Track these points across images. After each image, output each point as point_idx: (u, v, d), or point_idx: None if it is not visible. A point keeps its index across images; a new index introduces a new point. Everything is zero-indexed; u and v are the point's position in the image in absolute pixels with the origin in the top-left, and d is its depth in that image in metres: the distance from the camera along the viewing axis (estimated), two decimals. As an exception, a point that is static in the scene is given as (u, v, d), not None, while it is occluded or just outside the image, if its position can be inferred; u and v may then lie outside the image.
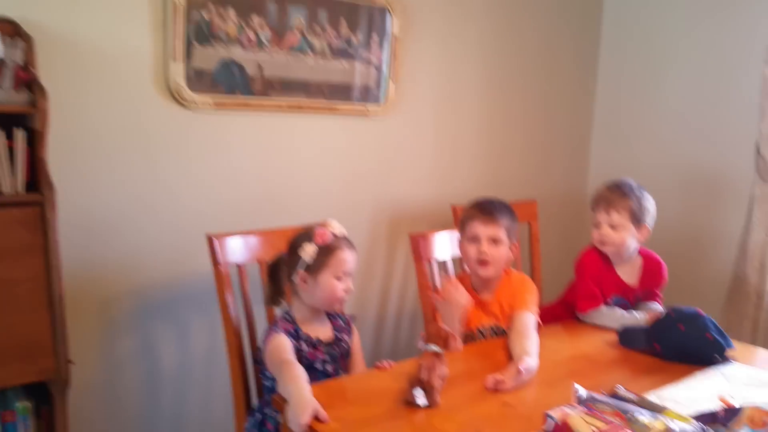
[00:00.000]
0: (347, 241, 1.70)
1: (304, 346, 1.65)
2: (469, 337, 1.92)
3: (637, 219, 2.01)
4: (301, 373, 1.46)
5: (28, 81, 1.61)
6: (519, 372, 1.52)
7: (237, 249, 1.83)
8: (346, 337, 1.76)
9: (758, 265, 2.49)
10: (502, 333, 1.93)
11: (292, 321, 1.68)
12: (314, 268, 1.65)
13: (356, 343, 1.80)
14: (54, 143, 1.63)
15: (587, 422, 1.17)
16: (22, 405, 1.63)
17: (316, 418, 1.32)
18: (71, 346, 1.68)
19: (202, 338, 2.11)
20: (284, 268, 1.72)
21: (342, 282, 1.66)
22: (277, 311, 1.78)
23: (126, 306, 1.97)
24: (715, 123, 2.71)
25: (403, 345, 2.62)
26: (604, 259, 2.06)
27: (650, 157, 2.92)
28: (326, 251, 1.65)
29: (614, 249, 2.04)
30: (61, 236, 1.59)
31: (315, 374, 1.67)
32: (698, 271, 2.78)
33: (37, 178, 1.61)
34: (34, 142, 1.61)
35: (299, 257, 1.65)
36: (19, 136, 1.57)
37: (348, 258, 1.67)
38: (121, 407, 2.01)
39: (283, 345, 1.58)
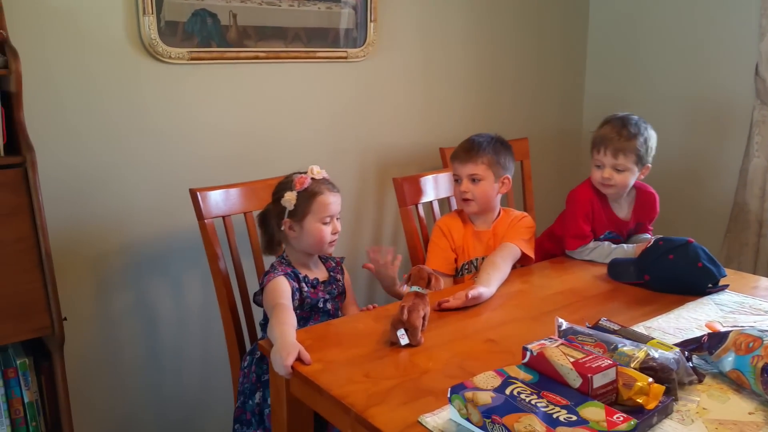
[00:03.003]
0: (328, 184, 1.71)
1: (305, 287, 1.68)
2: (463, 269, 1.96)
3: (642, 161, 1.95)
4: (288, 318, 1.48)
5: (-2, 43, 1.59)
6: (466, 297, 1.62)
7: (221, 202, 1.84)
8: (339, 277, 1.80)
9: (758, 191, 2.45)
10: None
11: (288, 264, 1.71)
12: (298, 215, 1.67)
13: (348, 282, 1.84)
14: (30, 104, 1.62)
15: (565, 353, 1.17)
16: (21, 362, 1.67)
17: (300, 360, 1.34)
18: (66, 303, 1.71)
19: (195, 289, 2.14)
20: (272, 218, 1.74)
21: (328, 225, 1.68)
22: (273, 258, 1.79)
23: (116, 262, 2.00)
24: (713, 47, 2.62)
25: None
26: (599, 195, 2.03)
27: (647, 87, 2.85)
28: (307, 196, 1.66)
29: (615, 191, 1.99)
30: (45, 196, 1.60)
31: (318, 313, 1.71)
32: (699, 201, 2.74)
33: (16, 140, 1.61)
34: (11, 104, 1.61)
35: (282, 206, 1.67)
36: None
37: (330, 200, 1.68)
38: (119, 360, 2.06)
39: (279, 288, 1.61)
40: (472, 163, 1.92)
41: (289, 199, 1.66)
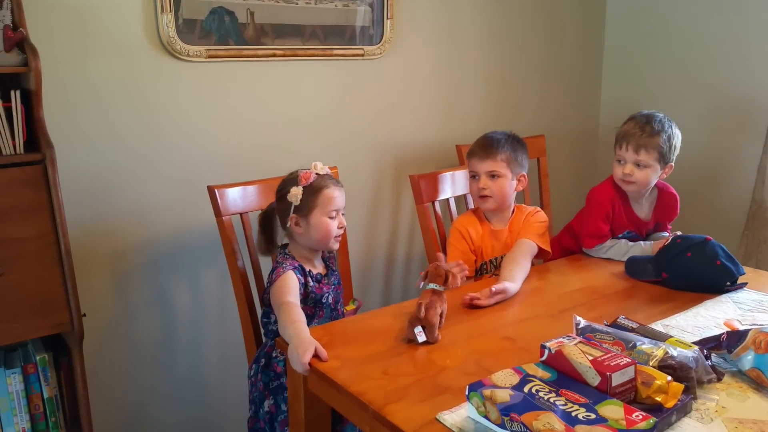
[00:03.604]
0: (332, 179, 1.72)
1: (311, 282, 1.70)
2: (483, 268, 1.96)
3: (665, 158, 1.93)
4: (299, 315, 1.49)
5: (18, 41, 1.61)
6: (492, 292, 1.62)
7: (239, 199, 1.85)
8: (335, 267, 1.83)
9: (777, 190, 2.42)
10: None
11: (293, 258, 1.72)
12: (304, 210, 1.68)
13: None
14: (48, 102, 1.63)
15: (583, 351, 1.17)
16: (41, 357, 1.69)
17: (317, 356, 1.35)
18: (84, 299, 1.72)
19: (212, 286, 2.15)
20: (276, 216, 1.76)
21: (334, 219, 1.70)
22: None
23: (135, 259, 2.01)
24: (731, 46, 2.60)
25: (413, 288, 2.64)
26: (620, 194, 2.01)
27: (664, 86, 2.83)
28: (312, 191, 1.67)
29: (636, 188, 1.97)
30: (64, 193, 1.61)
31: (322, 308, 1.72)
32: (717, 199, 2.72)
33: (35, 137, 1.63)
34: (31, 102, 1.62)
35: (288, 202, 1.68)
36: (16, 96, 1.58)
37: (335, 195, 1.69)
38: (138, 356, 2.07)
39: (288, 284, 1.61)
40: (491, 159, 1.91)
41: (296, 194, 1.67)
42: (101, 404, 1.96)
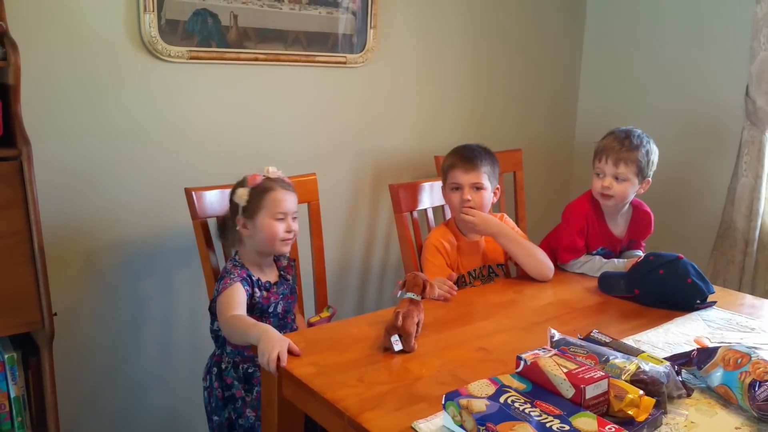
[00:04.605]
0: (282, 182, 1.73)
1: (258, 291, 1.70)
2: (460, 281, 1.97)
3: (643, 173, 1.97)
4: (254, 320, 1.52)
5: (-3, 34, 1.59)
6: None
7: (215, 202, 1.85)
8: (289, 276, 1.82)
9: (746, 210, 2.48)
10: (492, 274, 2.00)
11: (242, 267, 1.71)
12: (250, 211, 1.68)
13: (298, 284, 1.90)
14: (26, 98, 1.60)
15: (558, 364, 1.18)
16: (9, 356, 1.66)
17: (290, 352, 1.37)
18: (56, 298, 1.70)
19: (185, 288, 2.13)
20: (227, 220, 1.77)
21: (282, 222, 1.69)
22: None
23: (108, 259, 1.99)
24: (706, 67, 2.66)
25: (388, 296, 2.65)
26: (596, 210, 2.04)
27: (640, 103, 2.89)
28: (259, 193, 1.68)
29: (614, 202, 2.00)
30: (39, 191, 1.59)
31: (269, 317, 1.72)
32: (688, 217, 2.78)
33: (11, 133, 1.60)
34: (8, 97, 1.60)
35: (235, 203, 1.70)
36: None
37: (283, 198, 1.69)
38: (108, 357, 2.05)
39: (236, 297, 1.61)
40: (476, 171, 1.93)
41: (241, 195, 1.68)
42: (69, 405, 1.92)
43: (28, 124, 1.58)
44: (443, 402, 1.13)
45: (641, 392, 1.14)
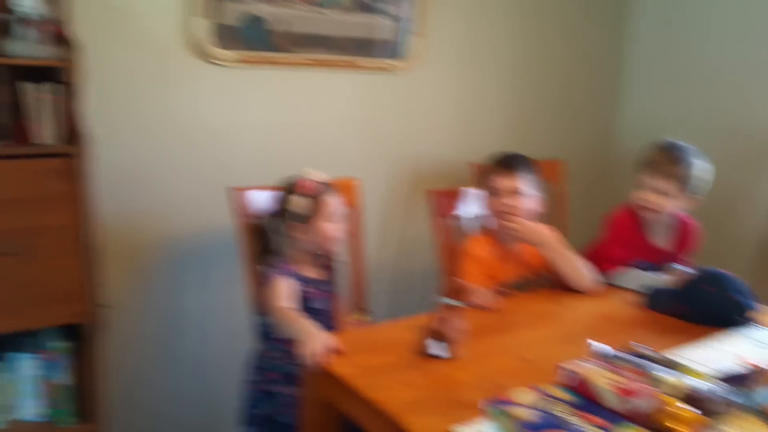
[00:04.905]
0: (330, 187, 1.79)
1: (304, 287, 1.74)
2: (500, 291, 1.95)
3: (687, 188, 1.93)
4: (299, 313, 1.57)
5: (59, 35, 1.64)
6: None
7: (257, 202, 1.88)
8: (334, 276, 1.88)
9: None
10: (531, 283, 1.98)
11: (287, 262, 1.76)
12: (307, 217, 1.74)
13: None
14: (91, 98, 1.67)
15: (604, 376, 1.18)
16: (61, 345, 1.71)
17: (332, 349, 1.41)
18: (108, 290, 1.76)
19: (224, 287, 2.17)
20: (273, 224, 1.79)
21: (333, 224, 1.77)
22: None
23: (155, 255, 2.05)
24: (751, 81, 2.61)
25: (420, 301, 2.64)
26: (637, 221, 2.02)
27: (683, 116, 2.84)
28: (314, 199, 1.74)
29: (654, 214, 1.98)
30: (101, 187, 1.65)
31: (311, 313, 1.74)
32: (729, 234, 2.72)
33: (73, 130, 1.66)
34: (71, 95, 1.65)
35: (290, 210, 1.74)
36: (48, 89, 1.61)
37: (334, 201, 1.77)
38: (152, 348, 2.11)
39: (280, 289, 1.67)
40: (514, 177, 1.92)
41: (297, 203, 1.73)
42: (116, 396, 1.97)
43: (95, 123, 1.65)
44: (487, 408, 1.13)
45: (686, 407, 1.14)
